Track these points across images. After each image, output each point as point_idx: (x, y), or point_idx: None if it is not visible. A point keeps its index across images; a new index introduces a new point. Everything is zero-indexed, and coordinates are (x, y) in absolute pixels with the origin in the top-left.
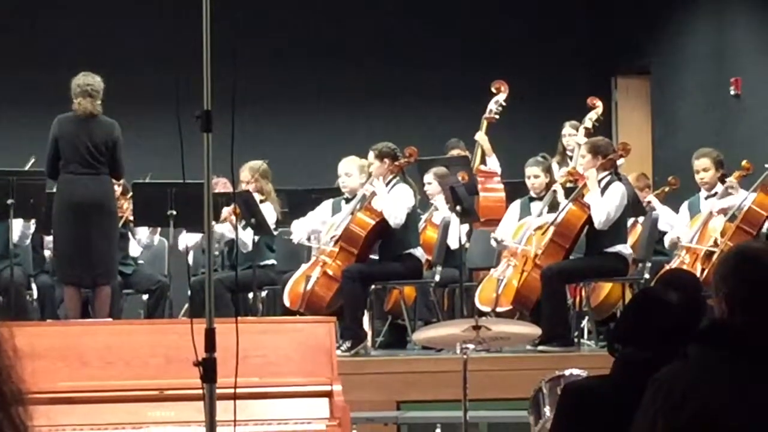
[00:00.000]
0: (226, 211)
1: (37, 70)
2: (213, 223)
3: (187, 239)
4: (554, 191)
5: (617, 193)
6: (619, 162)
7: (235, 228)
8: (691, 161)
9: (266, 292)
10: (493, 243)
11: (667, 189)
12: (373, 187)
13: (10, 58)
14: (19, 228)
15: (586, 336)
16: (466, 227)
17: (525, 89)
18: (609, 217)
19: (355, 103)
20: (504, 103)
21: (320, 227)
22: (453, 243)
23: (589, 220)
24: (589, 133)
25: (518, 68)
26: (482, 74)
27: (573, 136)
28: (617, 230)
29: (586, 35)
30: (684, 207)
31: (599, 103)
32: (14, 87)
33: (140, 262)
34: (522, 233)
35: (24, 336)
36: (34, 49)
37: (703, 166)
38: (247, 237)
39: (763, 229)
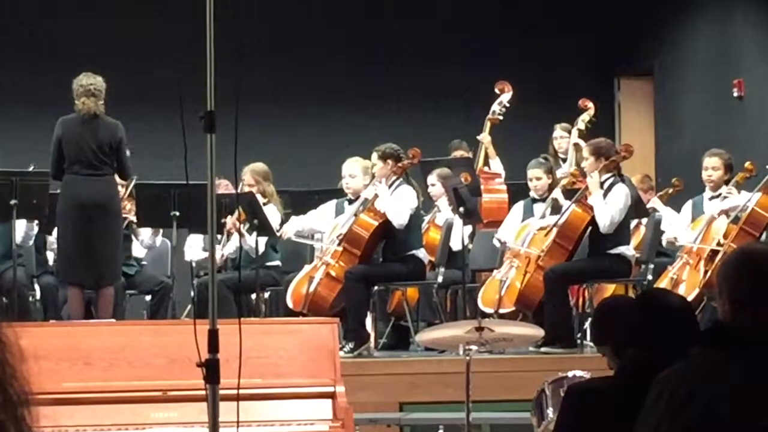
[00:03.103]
0: (230, 221)
1: (38, 72)
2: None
3: (193, 253)
4: (554, 198)
5: (620, 196)
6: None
7: (240, 233)
8: (701, 159)
9: (269, 293)
10: (497, 243)
11: (671, 191)
12: (376, 189)
13: (10, 60)
14: (22, 229)
15: (589, 337)
16: (468, 229)
17: (527, 90)
18: (613, 221)
19: (359, 104)
20: (508, 104)
21: (317, 226)
22: (456, 244)
23: (592, 222)
24: (582, 135)
25: (521, 69)
26: (485, 75)
27: (564, 138)
28: (620, 232)
29: (589, 36)
30: (687, 206)
31: (591, 105)
32: (15, 88)
33: (143, 263)
34: (525, 235)
35: (27, 337)
36: (34, 50)
37: (713, 164)
38: (255, 242)
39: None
